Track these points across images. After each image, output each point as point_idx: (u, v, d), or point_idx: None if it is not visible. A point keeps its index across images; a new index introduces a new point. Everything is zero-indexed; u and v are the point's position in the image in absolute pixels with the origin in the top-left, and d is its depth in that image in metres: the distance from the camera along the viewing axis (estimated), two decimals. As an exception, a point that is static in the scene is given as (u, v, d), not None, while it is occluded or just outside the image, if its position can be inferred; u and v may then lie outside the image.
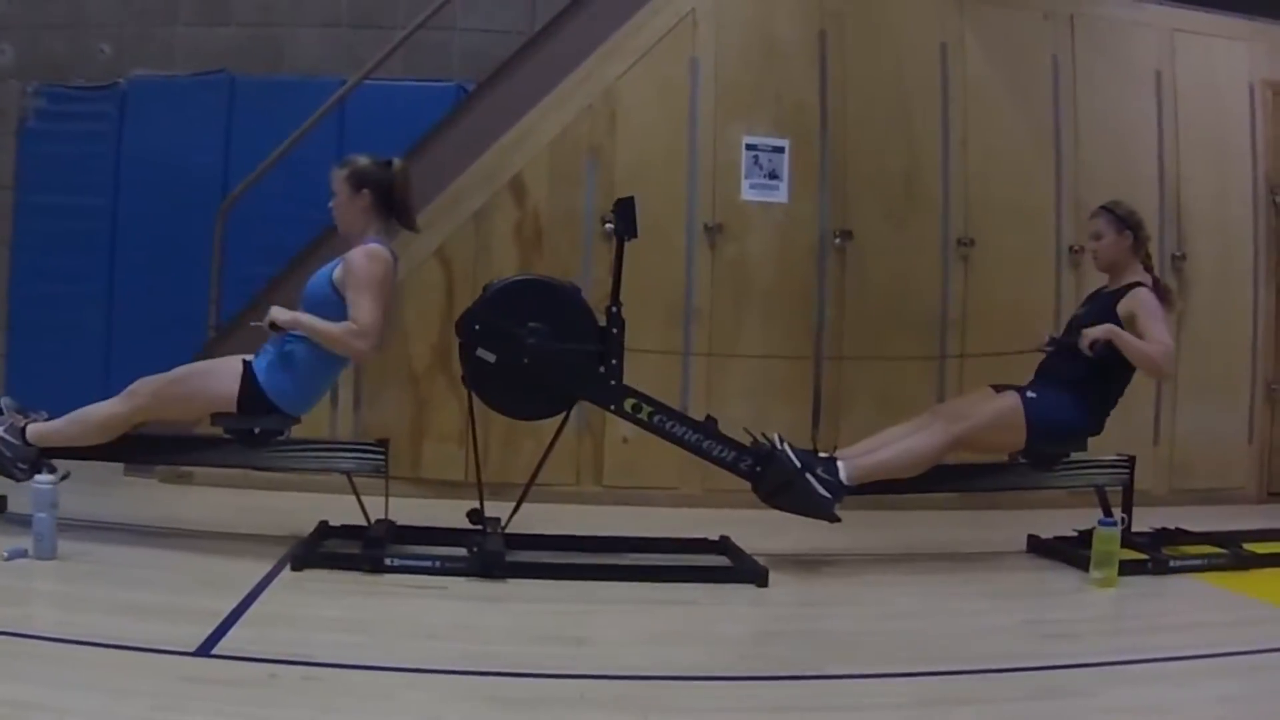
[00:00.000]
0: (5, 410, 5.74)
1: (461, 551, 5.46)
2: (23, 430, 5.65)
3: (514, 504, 5.73)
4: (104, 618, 4.40)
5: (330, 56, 9.17)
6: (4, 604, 4.55)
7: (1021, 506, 7.19)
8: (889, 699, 3.98)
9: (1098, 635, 4.90)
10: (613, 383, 5.70)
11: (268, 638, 4.27)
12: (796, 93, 7.67)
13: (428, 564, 5.40)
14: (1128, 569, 5.78)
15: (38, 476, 5.25)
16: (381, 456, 5.81)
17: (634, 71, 7.50)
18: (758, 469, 5.79)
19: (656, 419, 5.75)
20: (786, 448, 5.74)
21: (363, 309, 5.46)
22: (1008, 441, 5.99)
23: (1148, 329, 5.88)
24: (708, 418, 5.84)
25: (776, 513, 5.90)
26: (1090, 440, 6.10)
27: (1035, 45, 7.98)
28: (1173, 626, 5.04)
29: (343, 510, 6.03)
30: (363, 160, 5.74)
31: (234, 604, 4.65)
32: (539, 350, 5.57)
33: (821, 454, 5.85)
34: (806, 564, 5.94)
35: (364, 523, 5.84)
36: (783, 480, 5.71)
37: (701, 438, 5.78)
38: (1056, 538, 6.29)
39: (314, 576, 5.26)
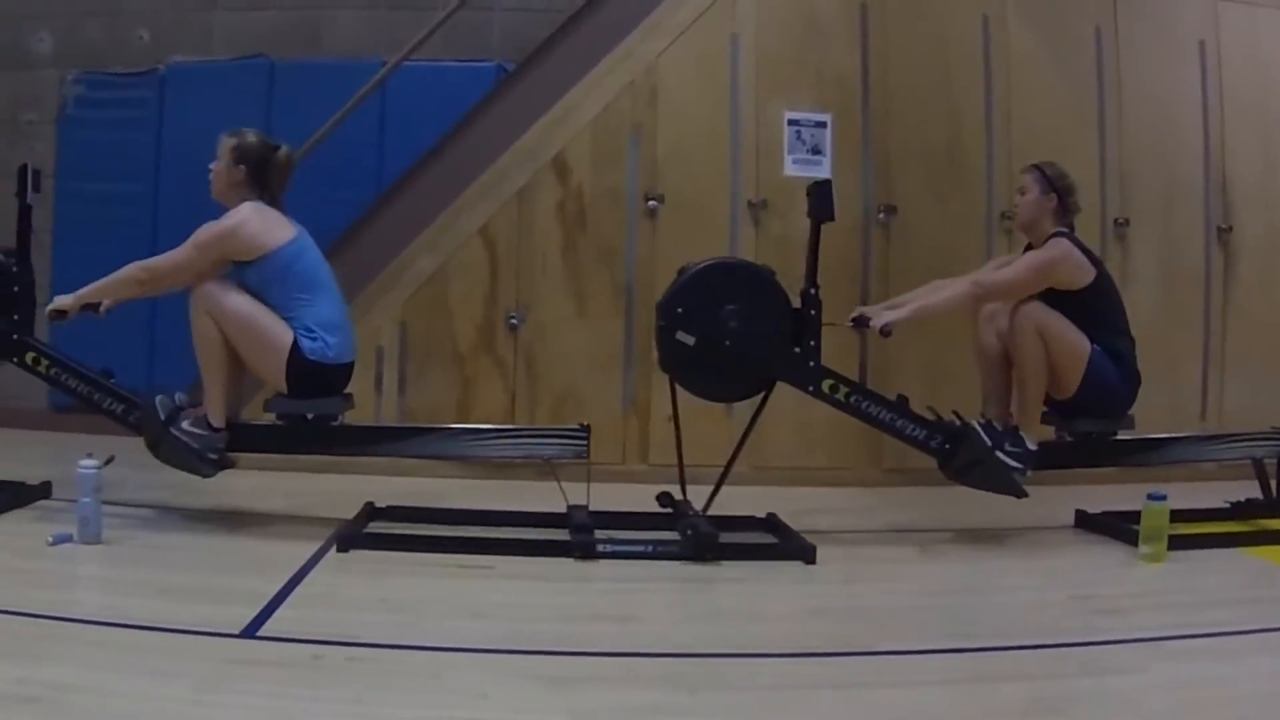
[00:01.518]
0: (181, 404, 5.74)
1: (670, 535, 5.52)
2: (206, 419, 5.66)
3: (567, 482, 5.72)
4: (148, 601, 4.43)
5: (370, 38, 9.18)
6: (49, 588, 4.59)
7: (1067, 482, 7.15)
8: (938, 675, 3.97)
9: (1147, 610, 4.84)
10: (811, 364, 5.71)
11: (313, 619, 4.29)
12: (838, 67, 7.63)
13: (640, 549, 5.43)
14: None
15: (82, 461, 5.26)
16: (585, 441, 5.80)
17: (675, 48, 7.47)
18: (948, 446, 5.83)
19: (853, 399, 5.77)
20: (976, 425, 5.79)
21: (174, 250, 5.70)
22: (1063, 370, 5.88)
23: (1011, 266, 5.99)
24: (899, 396, 5.86)
25: (824, 490, 5.91)
26: (1138, 414, 6.07)
27: (1077, 15, 7.90)
28: (1223, 602, 5.00)
29: (387, 491, 6.07)
30: (252, 137, 5.81)
31: (279, 586, 4.66)
32: (740, 332, 5.57)
33: (996, 425, 5.88)
34: (854, 541, 5.93)
35: (412, 504, 5.88)
36: (975, 458, 5.78)
37: (895, 416, 5.81)
38: (1104, 512, 6.25)
39: (360, 558, 5.28)
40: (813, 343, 5.69)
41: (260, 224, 5.67)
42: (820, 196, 5.72)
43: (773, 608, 4.82)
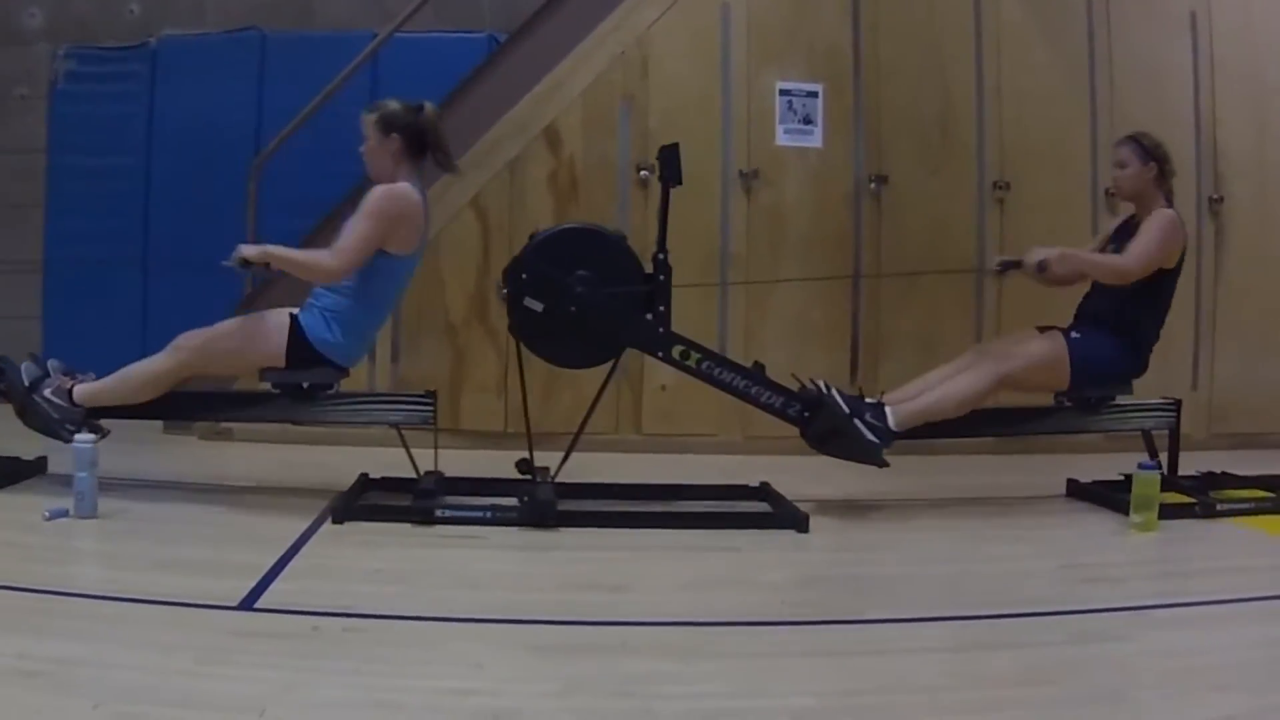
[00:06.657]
0: (52, 372, 5.76)
1: (513, 501, 5.48)
2: (69, 391, 5.67)
3: (560, 453, 5.75)
4: (146, 574, 4.44)
5: (361, 10, 9.16)
6: (47, 563, 4.60)
7: (1060, 451, 7.19)
8: (928, 643, 3.99)
9: (1137, 579, 4.87)
10: (660, 330, 5.70)
11: (309, 590, 4.31)
12: (829, 37, 7.63)
13: (479, 514, 5.42)
14: (1174, 513, 5.75)
15: (79, 436, 5.28)
16: (430, 408, 5.79)
17: (666, 19, 7.47)
18: (806, 414, 5.79)
19: (704, 365, 5.75)
20: (834, 393, 5.74)
21: (346, 236, 5.50)
22: (1052, 381, 5.98)
23: (1135, 242, 5.90)
24: (755, 363, 5.84)
25: (816, 458, 5.91)
26: (1134, 383, 6.09)
27: (1069, -14, 7.91)
28: (1213, 571, 5.03)
29: (383, 463, 6.06)
30: (392, 104, 5.70)
31: (275, 558, 4.68)
32: (586, 298, 5.56)
33: (869, 399, 5.85)
34: (846, 509, 5.94)
35: (406, 475, 5.87)
36: (831, 426, 5.71)
37: (749, 384, 5.78)
38: (1096, 482, 6.26)
39: (355, 529, 5.29)
40: (663, 308, 5.69)
41: (421, 218, 5.66)
42: (668, 161, 5.70)
43: (765, 576, 4.84)
